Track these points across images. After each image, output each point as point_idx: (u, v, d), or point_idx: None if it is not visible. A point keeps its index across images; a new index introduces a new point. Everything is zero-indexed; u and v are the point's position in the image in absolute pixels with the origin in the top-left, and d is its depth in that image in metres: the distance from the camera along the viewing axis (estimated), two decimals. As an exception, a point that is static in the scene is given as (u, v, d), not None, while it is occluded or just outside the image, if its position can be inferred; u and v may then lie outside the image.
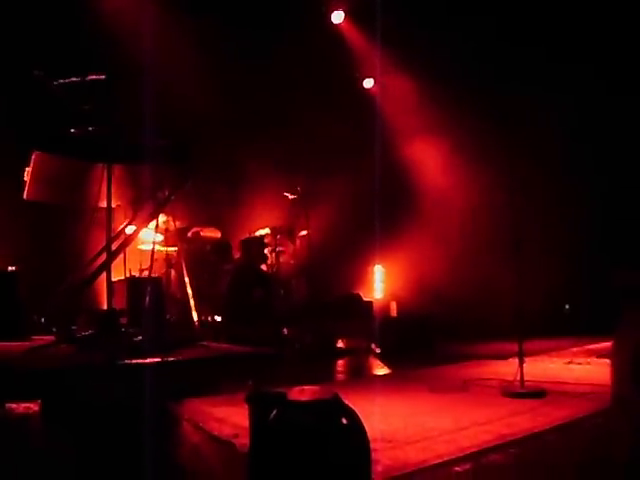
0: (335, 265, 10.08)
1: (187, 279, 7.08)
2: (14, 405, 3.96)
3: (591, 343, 7.53)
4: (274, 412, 2.18)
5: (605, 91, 8.92)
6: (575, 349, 7.24)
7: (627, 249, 8.63)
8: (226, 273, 8.60)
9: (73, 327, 6.53)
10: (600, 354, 6.45)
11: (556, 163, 9.53)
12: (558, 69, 9.09)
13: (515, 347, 4.57)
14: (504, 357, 5.93)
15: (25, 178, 6.42)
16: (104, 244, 6.32)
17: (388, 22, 9.22)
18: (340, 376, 6.12)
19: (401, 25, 9.50)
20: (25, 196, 6.67)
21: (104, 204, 6.17)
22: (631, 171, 9.00)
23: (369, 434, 2.20)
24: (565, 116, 9.19)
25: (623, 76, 8.70)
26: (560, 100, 9.09)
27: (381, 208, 9.06)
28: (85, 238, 6.51)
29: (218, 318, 8.29)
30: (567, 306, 10.52)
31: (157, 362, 5.00)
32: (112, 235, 6.34)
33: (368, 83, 11.59)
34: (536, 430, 3.30)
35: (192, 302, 6.95)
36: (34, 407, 3.96)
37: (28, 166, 6.21)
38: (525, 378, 4.41)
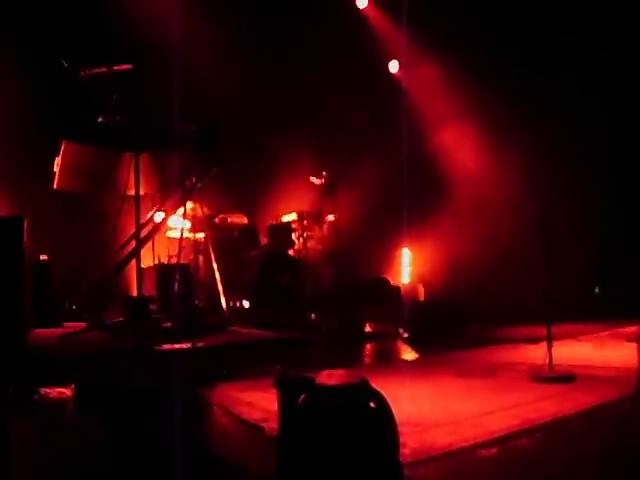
0: (363, 249, 10.07)
1: (215, 265, 7.14)
2: (48, 390, 4.04)
3: (621, 327, 7.45)
4: (303, 396, 2.21)
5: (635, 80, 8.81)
6: (605, 333, 7.17)
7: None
8: (253, 259, 8.65)
9: (104, 314, 6.63)
10: (630, 338, 6.38)
11: (587, 148, 9.41)
12: (589, 58, 8.97)
13: (545, 331, 4.55)
14: (534, 341, 5.88)
15: (55, 168, 6.53)
16: (133, 232, 6.41)
17: (413, 6, 9.16)
18: (368, 360, 6.14)
19: (427, 10, 9.43)
20: (55, 185, 6.78)
21: (132, 192, 6.25)
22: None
23: (397, 418, 2.22)
24: (595, 105, 9.06)
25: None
26: (589, 88, 8.97)
27: (408, 192, 9.02)
28: (114, 226, 6.58)
29: (246, 304, 8.35)
30: (597, 289, 10.41)
31: (187, 348, 5.07)
32: (140, 223, 6.42)
33: (394, 67, 11.52)
34: (563, 415, 3.29)
35: (220, 288, 7.01)
36: (67, 392, 4.04)
37: (58, 156, 6.30)
38: (554, 362, 4.38)
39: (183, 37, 7.57)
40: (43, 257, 6.97)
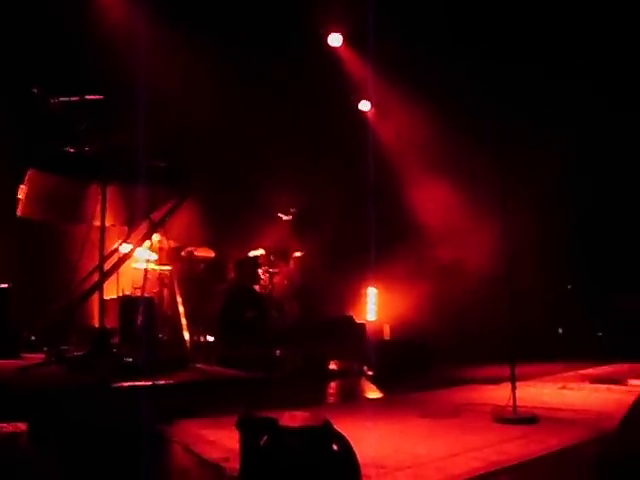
0: (328, 287, 10.06)
1: (179, 299, 7.07)
2: (2, 424, 3.92)
3: (584, 368, 7.52)
4: (265, 437, 2.17)
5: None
6: (569, 374, 7.21)
7: (624, 275, 8.68)
8: (219, 293, 8.58)
9: (64, 346, 6.50)
10: (594, 379, 6.44)
11: (552, 189, 9.59)
12: (561, 99, 9.18)
13: (508, 371, 4.55)
14: (498, 381, 5.90)
15: (19, 195, 6.44)
16: (97, 263, 6.32)
17: (386, 47, 9.31)
18: (332, 399, 6.08)
19: (401, 51, 9.58)
20: (19, 213, 6.68)
21: (98, 223, 6.17)
22: (628, 198, 9.07)
23: (360, 459, 2.18)
24: (565, 145, 9.25)
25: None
26: (558, 131, 9.18)
27: (375, 231, 9.08)
28: (79, 256, 6.48)
29: (210, 338, 8.26)
30: (560, 330, 10.53)
31: (148, 384, 4.97)
32: (105, 254, 6.33)
33: (365, 106, 11.67)
34: (528, 458, 3.27)
35: (184, 322, 6.93)
36: (22, 427, 3.92)
37: (23, 183, 6.22)
38: (518, 403, 4.37)
39: (154, 72, 7.59)
40: (3, 285, 6.82)
